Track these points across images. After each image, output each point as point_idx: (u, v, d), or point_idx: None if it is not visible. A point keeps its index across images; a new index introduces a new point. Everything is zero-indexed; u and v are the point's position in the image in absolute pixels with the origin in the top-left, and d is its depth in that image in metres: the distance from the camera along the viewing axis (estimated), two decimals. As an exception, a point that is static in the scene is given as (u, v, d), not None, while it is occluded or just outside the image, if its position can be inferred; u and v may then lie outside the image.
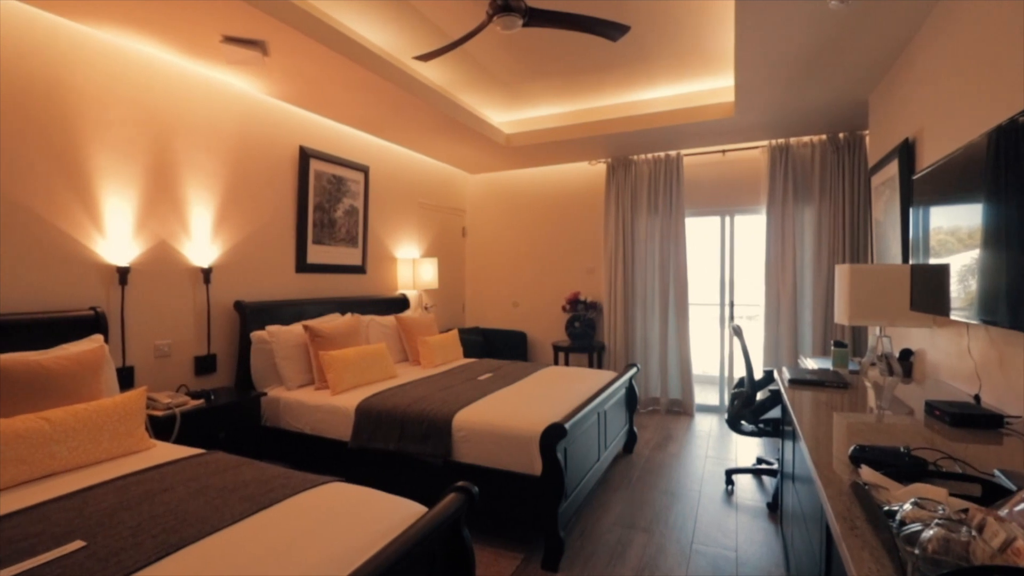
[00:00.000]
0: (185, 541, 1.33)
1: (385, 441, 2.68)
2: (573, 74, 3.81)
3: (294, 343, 3.25)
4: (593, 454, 2.84)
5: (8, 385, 1.83)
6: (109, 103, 2.61)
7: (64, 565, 1.22)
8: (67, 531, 1.38)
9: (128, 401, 2.04)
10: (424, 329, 4.22)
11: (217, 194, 3.18)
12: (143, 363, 2.76)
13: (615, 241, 5.07)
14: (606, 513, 2.80)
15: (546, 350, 5.61)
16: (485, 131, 4.43)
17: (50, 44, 2.38)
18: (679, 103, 4.15)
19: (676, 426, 4.49)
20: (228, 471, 1.80)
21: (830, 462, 1.27)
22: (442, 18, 2.97)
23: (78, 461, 1.83)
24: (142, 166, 2.76)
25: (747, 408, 2.96)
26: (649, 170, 4.99)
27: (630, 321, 5.05)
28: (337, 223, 4.15)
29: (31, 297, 2.33)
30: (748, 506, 2.93)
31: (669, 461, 3.62)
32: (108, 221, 2.61)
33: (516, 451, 2.37)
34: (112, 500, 1.56)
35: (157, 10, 2.33)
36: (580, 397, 2.89)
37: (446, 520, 1.45)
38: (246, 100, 3.35)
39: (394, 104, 3.60)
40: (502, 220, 5.93)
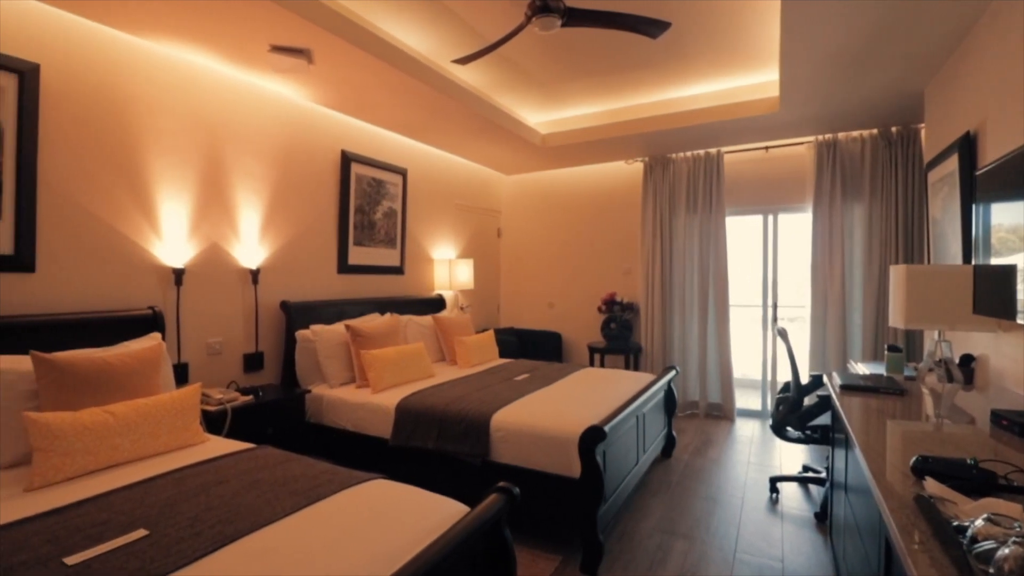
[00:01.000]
0: (240, 533, 1.38)
1: (424, 440, 2.72)
2: (610, 73, 3.77)
3: (336, 342, 3.33)
4: (632, 457, 2.80)
5: (77, 380, 1.95)
6: (165, 112, 2.75)
7: (130, 552, 1.29)
8: (131, 520, 1.45)
9: (184, 397, 2.14)
10: (461, 329, 4.26)
11: (264, 198, 3.30)
12: (196, 360, 2.89)
13: (652, 241, 4.99)
14: (645, 518, 2.76)
15: (581, 351, 5.57)
16: (521, 132, 4.43)
17: (111, 57, 2.53)
18: (720, 99, 4.05)
19: (716, 431, 4.38)
20: (277, 466, 1.87)
21: (889, 473, 1.22)
22: (480, 21, 2.99)
23: (139, 453, 1.93)
24: (195, 172, 2.90)
25: (793, 414, 2.86)
26: (688, 168, 4.89)
27: (668, 322, 4.96)
28: (376, 225, 4.23)
29: (96, 297, 2.48)
30: (794, 515, 2.84)
31: (709, 466, 3.54)
32: (165, 225, 2.75)
33: (554, 453, 2.36)
34: (171, 491, 1.64)
35: (210, 22, 2.43)
36: (618, 399, 2.86)
37: (488, 520, 1.46)
38: (291, 107, 3.47)
39: (432, 107, 3.65)
40: (537, 221, 5.92)
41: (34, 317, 2.21)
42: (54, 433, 1.74)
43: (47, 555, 1.27)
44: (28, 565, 1.23)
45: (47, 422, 1.75)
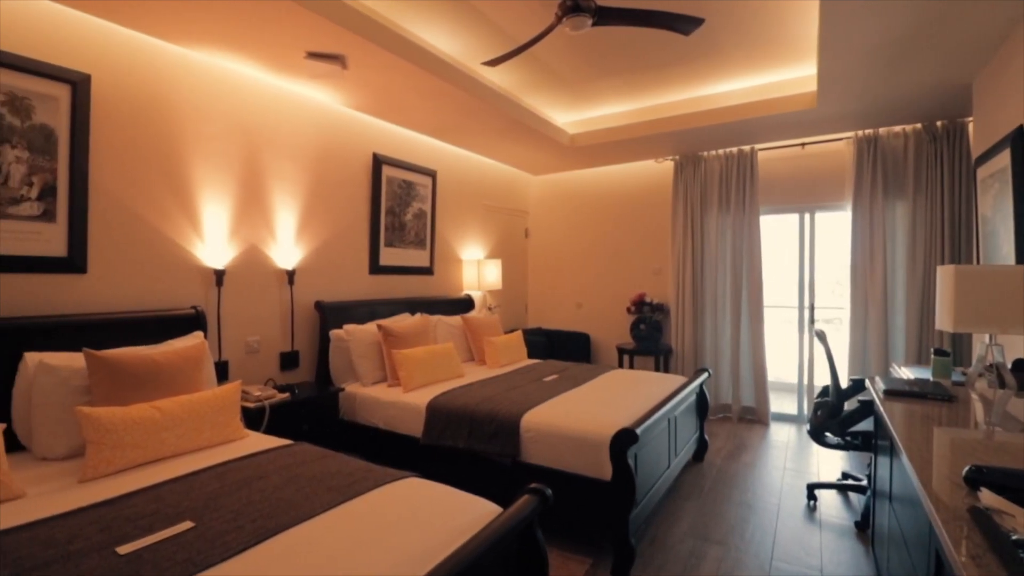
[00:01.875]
0: (280, 527, 1.42)
1: (455, 439, 2.74)
2: (640, 71, 3.73)
3: (369, 341, 3.39)
4: (663, 461, 2.76)
5: (126, 377, 2.03)
6: (207, 119, 2.85)
7: (178, 543, 1.34)
8: (178, 512, 1.51)
9: (226, 393, 2.21)
10: (489, 329, 4.27)
11: (300, 201, 3.38)
12: (236, 358, 2.98)
13: (683, 241, 4.91)
14: (677, 523, 2.72)
15: (610, 352, 5.52)
16: (549, 132, 4.42)
17: (157, 67, 2.63)
18: (754, 95, 3.95)
19: (750, 435, 4.28)
20: (314, 462, 1.91)
21: (938, 482, 1.17)
22: (509, 22, 2.99)
23: (183, 447, 2.01)
24: (235, 176, 2.99)
25: (833, 419, 2.78)
26: (720, 166, 4.79)
27: (699, 324, 4.87)
28: (407, 226, 4.29)
29: (143, 297, 2.59)
30: (833, 523, 2.75)
31: (743, 471, 3.46)
32: (206, 227, 2.85)
33: (585, 454, 2.35)
34: (214, 485, 1.69)
35: (249, 30, 2.51)
36: (650, 402, 2.82)
37: (521, 521, 1.47)
38: (325, 111, 3.54)
39: (462, 109, 3.68)
40: (565, 221, 5.90)
41: (86, 316, 2.32)
42: (105, 427, 1.82)
43: (101, 544, 1.33)
44: (83, 553, 1.29)
45: (99, 416, 1.83)
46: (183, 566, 1.24)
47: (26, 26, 2.19)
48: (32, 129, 2.22)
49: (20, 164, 2.19)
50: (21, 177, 2.20)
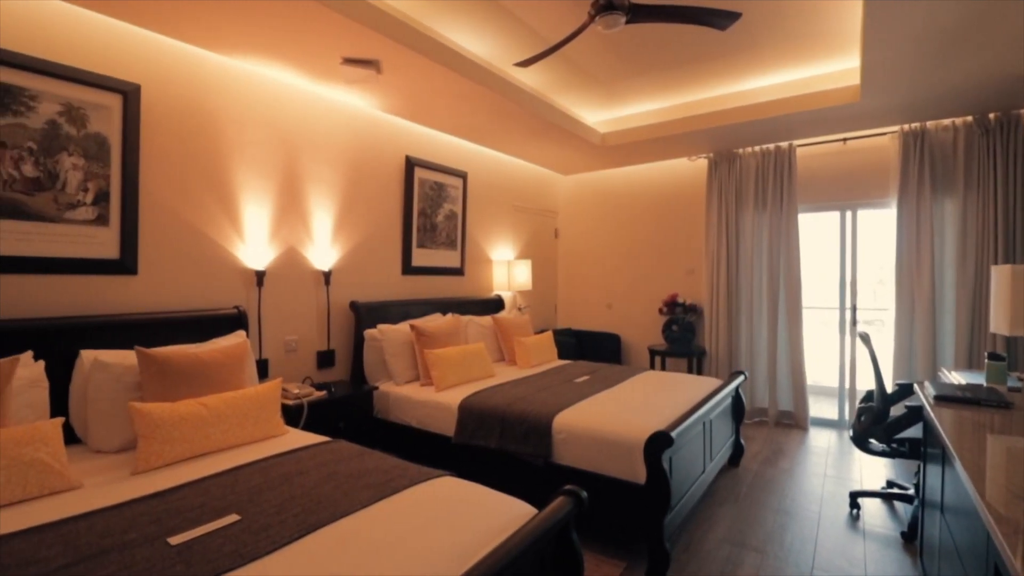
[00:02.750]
0: (321, 522, 1.46)
1: (487, 439, 2.76)
2: (673, 67, 3.67)
3: (401, 341, 3.44)
4: (698, 465, 2.71)
5: (174, 374, 2.12)
6: (248, 125, 2.94)
7: (225, 535, 1.39)
8: (224, 505, 1.57)
9: (267, 391, 2.28)
10: (520, 330, 4.28)
11: (335, 203, 3.46)
12: (275, 356, 3.07)
13: (717, 240, 4.81)
14: (712, 528, 2.67)
15: (641, 353, 5.45)
16: (580, 132, 4.40)
17: (202, 76, 2.74)
18: (793, 90, 3.84)
19: (787, 440, 4.16)
20: (352, 459, 1.95)
21: (995, 493, 1.11)
22: (541, 22, 2.99)
23: (228, 442, 2.08)
24: (274, 180, 3.08)
25: (878, 425, 2.67)
26: (756, 163, 4.67)
27: (734, 325, 4.76)
28: (438, 227, 4.34)
29: (188, 297, 2.70)
30: (877, 533, 2.65)
31: (781, 477, 3.36)
32: (248, 230, 2.94)
33: (618, 457, 2.33)
34: (258, 479, 1.75)
35: (289, 38, 2.58)
36: (684, 405, 2.77)
37: (557, 523, 1.46)
38: (359, 116, 3.61)
39: (493, 111, 3.70)
40: (595, 221, 5.86)
41: (136, 316, 2.43)
42: (156, 422, 1.91)
43: (153, 534, 1.40)
44: (137, 543, 1.35)
45: (149, 412, 1.92)
46: (231, 558, 1.28)
47: (81, 39, 2.31)
48: (87, 138, 2.34)
49: (76, 171, 2.31)
50: (77, 183, 2.32)
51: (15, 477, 1.61)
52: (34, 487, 1.63)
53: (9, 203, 2.13)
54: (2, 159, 2.11)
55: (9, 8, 2.12)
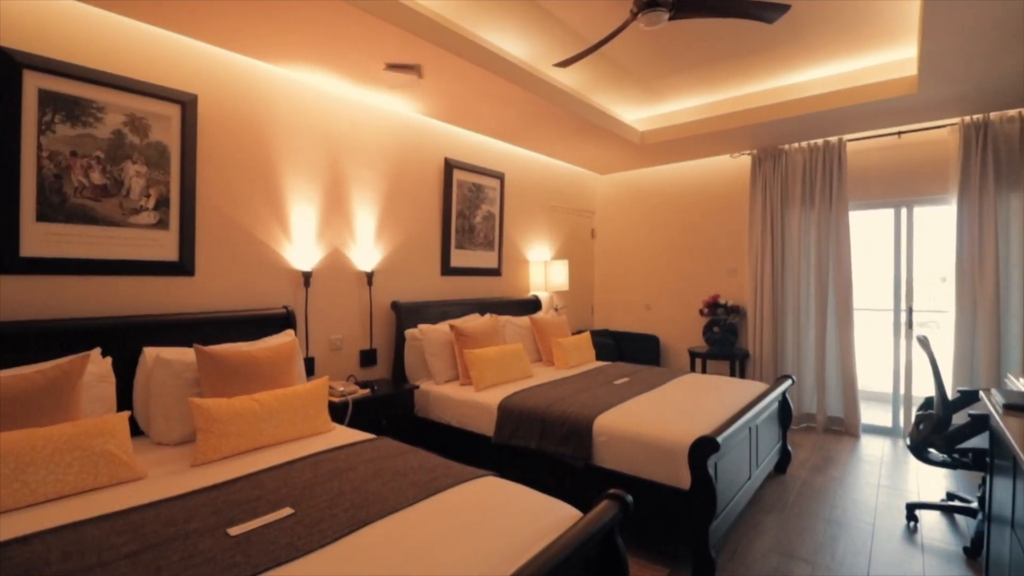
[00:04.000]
0: (371, 518, 1.50)
1: (526, 439, 2.76)
2: (715, 62, 3.58)
3: (441, 341, 3.49)
4: (744, 471, 2.64)
5: (229, 371, 2.22)
6: (296, 131, 3.04)
7: (280, 528, 1.44)
8: (278, 498, 1.63)
9: (315, 388, 2.35)
10: (557, 330, 4.26)
11: (377, 206, 3.54)
12: (321, 355, 3.17)
13: (761, 239, 4.67)
14: (759, 537, 2.59)
15: (680, 356, 5.34)
16: (619, 130, 4.35)
17: (253, 84, 2.85)
18: (843, 82, 3.69)
19: (837, 447, 4.00)
20: (397, 456, 1.99)
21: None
22: (580, 22, 2.97)
23: (279, 438, 2.16)
24: (320, 184, 3.18)
25: (938, 434, 2.54)
26: (803, 159, 4.51)
27: (779, 327, 4.60)
28: (476, 228, 4.37)
29: (241, 297, 2.81)
30: (937, 548, 2.51)
31: (831, 486, 3.24)
32: (295, 233, 3.05)
33: (661, 461, 2.29)
34: (309, 474, 1.81)
35: (335, 46, 2.65)
36: (729, 409, 2.71)
37: (602, 527, 1.45)
38: (400, 119, 3.68)
39: (531, 112, 3.70)
40: (633, 220, 5.78)
41: (193, 315, 2.55)
42: (213, 417, 2.00)
43: (214, 525, 1.46)
44: (200, 532, 1.42)
45: (208, 407, 2.01)
46: (286, 550, 1.33)
47: (143, 53, 2.44)
48: (149, 146, 2.47)
49: (140, 178, 2.44)
50: (140, 189, 2.45)
51: (87, 467, 1.71)
52: (104, 477, 1.73)
53: (79, 209, 2.27)
54: (73, 168, 2.25)
55: (80, 25, 2.26)
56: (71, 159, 2.24)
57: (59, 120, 2.21)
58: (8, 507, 1.55)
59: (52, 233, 2.20)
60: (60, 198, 2.22)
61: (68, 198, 2.24)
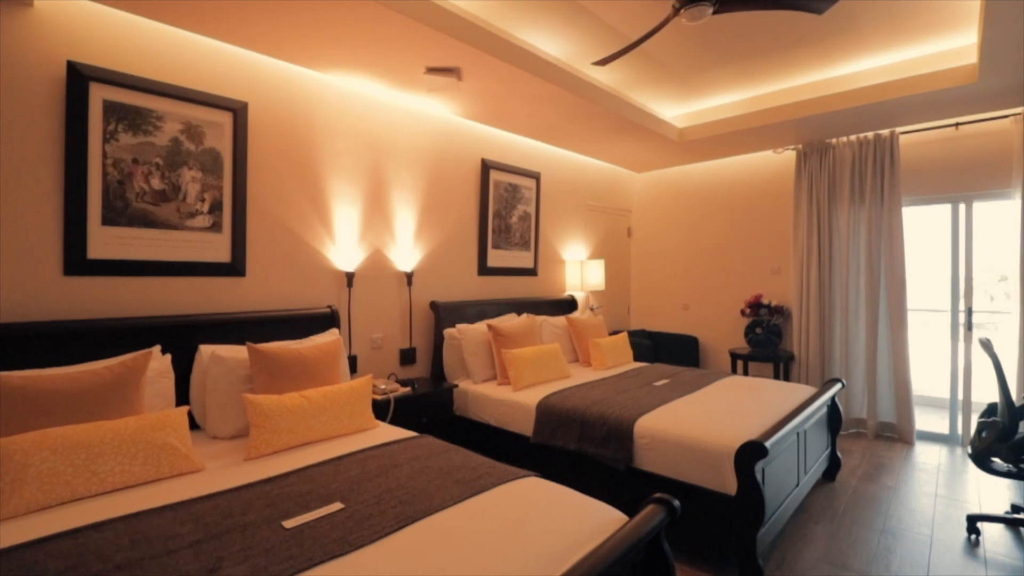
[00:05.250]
0: (418, 515, 1.52)
1: (565, 440, 2.76)
2: (759, 56, 3.48)
3: (479, 340, 3.51)
4: (792, 478, 2.56)
5: (279, 368, 2.29)
6: (340, 135, 3.12)
7: (331, 522, 1.48)
8: (329, 493, 1.67)
9: (360, 386, 2.41)
10: (594, 331, 4.23)
11: (416, 207, 3.59)
12: (363, 353, 3.24)
13: (807, 237, 4.51)
14: (808, 546, 2.51)
15: (720, 357, 5.22)
16: (657, 127, 4.28)
17: (299, 90, 2.93)
18: (895, 72, 3.52)
19: (889, 454, 3.82)
20: (440, 455, 2.02)
21: None
22: (619, 19, 2.94)
23: (326, 434, 2.22)
24: (362, 186, 3.25)
25: (1004, 442, 2.40)
26: (852, 154, 4.33)
27: (827, 328, 4.44)
28: (512, 228, 4.38)
29: (288, 297, 2.91)
30: (1002, 562, 2.38)
31: (884, 495, 3.10)
32: (339, 234, 3.13)
33: (706, 465, 2.24)
34: (356, 470, 1.85)
35: (377, 51, 2.70)
36: (775, 413, 2.63)
37: (650, 532, 1.43)
38: (438, 122, 3.73)
39: (568, 111, 3.68)
40: (671, 218, 5.68)
41: (244, 314, 2.65)
42: (265, 412, 2.07)
43: (269, 517, 1.51)
44: (256, 524, 1.47)
45: (260, 403, 2.08)
46: (339, 544, 1.36)
47: (197, 63, 2.55)
48: (204, 152, 2.58)
49: (195, 183, 2.56)
50: (196, 194, 2.56)
51: (150, 459, 1.80)
52: (165, 468, 1.82)
53: (141, 213, 2.39)
54: (135, 174, 2.38)
55: (140, 38, 2.38)
56: (133, 166, 2.36)
57: (122, 129, 2.33)
58: (81, 495, 1.65)
59: (116, 236, 2.33)
60: (123, 203, 2.34)
61: (130, 203, 2.36)
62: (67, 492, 1.63)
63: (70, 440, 1.68)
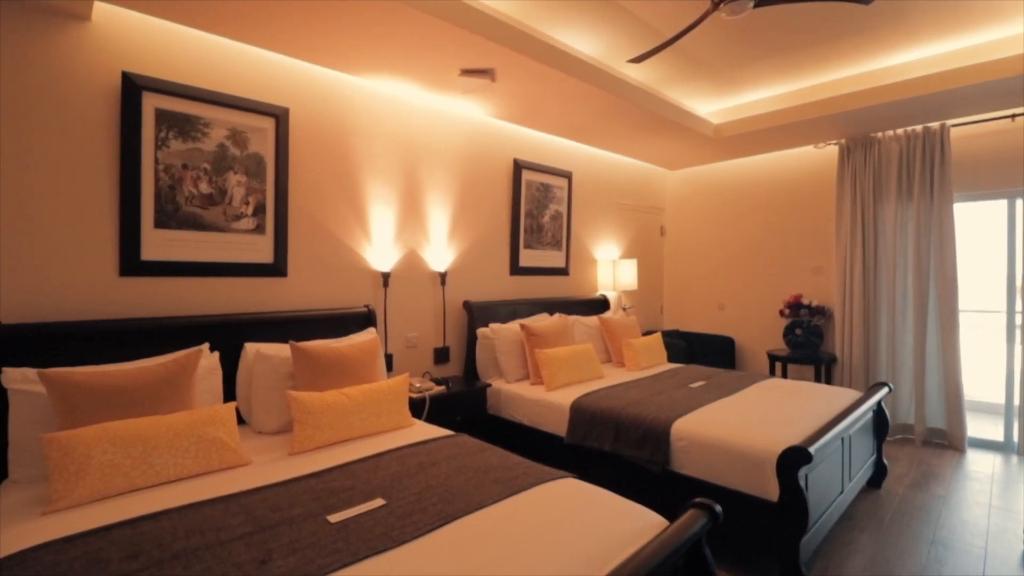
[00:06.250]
0: (457, 513, 1.54)
1: (600, 441, 2.74)
2: (800, 49, 3.37)
3: (512, 340, 3.52)
4: (836, 485, 2.48)
5: (320, 366, 2.35)
6: (376, 138, 3.18)
7: (374, 518, 1.51)
8: (370, 488, 1.71)
9: (397, 384, 2.45)
10: (627, 331, 4.19)
11: (450, 207, 3.63)
12: (398, 352, 3.30)
13: (851, 235, 4.35)
14: (853, 555, 2.42)
15: (758, 359, 5.09)
16: (692, 124, 4.20)
17: (338, 95, 3.00)
18: (946, 63, 3.36)
19: (939, 462, 3.66)
20: (477, 453, 2.04)
21: None
22: (654, 15, 2.89)
23: (365, 431, 2.27)
24: (397, 188, 3.31)
25: (1068, 452, 2.26)
26: (899, 148, 4.16)
27: (871, 330, 4.28)
28: (544, 228, 4.38)
29: (327, 297, 2.98)
30: (1067, 580, 2.25)
31: (933, 504, 2.97)
32: (375, 235, 3.19)
33: (746, 470, 2.20)
34: (395, 467, 1.89)
35: (412, 55, 2.74)
36: (818, 417, 2.55)
37: (691, 537, 1.41)
38: (471, 123, 3.75)
39: (602, 109, 3.65)
40: (705, 217, 5.57)
41: (286, 313, 2.73)
42: (308, 409, 2.13)
43: (314, 511, 1.56)
44: (303, 518, 1.52)
45: (303, 399, 2.15)
46: (382, 540, 1.39)
47: (241, 70, 2.64)
48: (248, 157, 2.67)
49: (240, 187, 2.64)
50: (240, 198, 2.65)
51: (201, 452, 1.87)
52: (216, 462, 1.90)
53: (190, 216, 2.49)
54: (184, 179, 2.48)
55: (188, 47, 2.47)
56: (182, 171, 2.46)
57: (172, 136, 2.43)
58: (138, 486, 1.73)
59: (167, 239, 2.43)
60: (174, 207, 2.44)
61: (180, 207, 2.46)
62: (126, 483, 1.71)
63: (128, 434, 1.76)
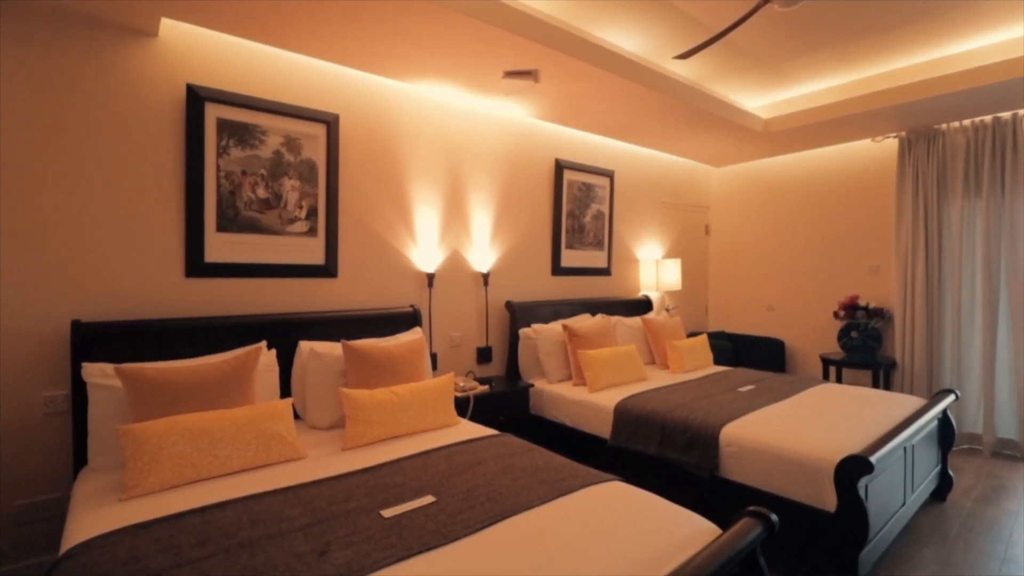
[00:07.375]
0: (506, 512, 1.56)
1: (645, 444, 2.71)
2: (856, 39, 3.22)
3: (554, 340, 3.52)
4: (897, 496, 2.36)
5: (369, 364, 2.43)
6: (421, 141, 3.24)
7: (425, 514, 1.55)
8: (421, 485, 1.75)
9: (444, 383, 2.50)
10: (671, 332, 4.12)
11: (492, 208, 3.66)
12: (442, 351, 3.36)
13: (912, 233, 4.12)
14: (916, 571, 2.30)
15: (809, 362, 4.90)
16: (740, 119, 4.08)
17: (384, 100, 3.08)
18: (1019, 49, 3.13)
19: (1011, 474, 3.43)
20: (523, 454, 2.05)
21: None
22: (701, 9, 2.82)
23: (413, 428, 2.32)
24: (441, 190, 3.36)
25: None
26: (966, 140, 3.91)
27: (935, 333, 4.04)
28: (586, 228, 4.35)
29: (375, 297, 3.07)
30: None
31: (1005, 520, 2.78)
32: (420, 237, 3.25)
33: (800, 479, 2.12)
34: (444, 465, 1.92)
35: (457, 59, 2.77)
36: (878, 425, 2.43)
37: (747, 546, 1.38)
38: (513, 124, 3.77)
39: (646, 107, 3.60)
40: (752, 215, 5.39)
41: (337, 313, 2.83)
42: (359, 406, 2.20)
43: (368, 506, 1.61)
44: (357, 512, 1.57)
45: (354, 397, 2.22)
46: (433, 536, 1.43)
47: (294, 79, 2.74)
48: (301, 163, 2.77)
49: (294, 191, 2.75)
50: (295, 202, 2.76)
51: (261, 446, 1.97)
52: (275, 455, 1.98)
53: (249, 220, 2.61)
54: (243, 185, 2.60)
55: (245, 58, 2.59)
56: (242, 177, 2.59)
57: (232, 144, 2.56)
58: (204, 476, 1.83)
59: (228, 242, 2.56)
60: (234, 211, 2.57)
61: (240, 211, 2.58)
62: (193, 473, 1.81)
63: (196, 427, 1.87)
